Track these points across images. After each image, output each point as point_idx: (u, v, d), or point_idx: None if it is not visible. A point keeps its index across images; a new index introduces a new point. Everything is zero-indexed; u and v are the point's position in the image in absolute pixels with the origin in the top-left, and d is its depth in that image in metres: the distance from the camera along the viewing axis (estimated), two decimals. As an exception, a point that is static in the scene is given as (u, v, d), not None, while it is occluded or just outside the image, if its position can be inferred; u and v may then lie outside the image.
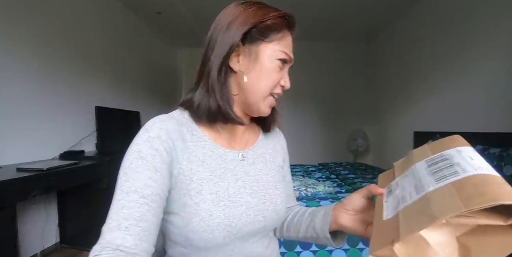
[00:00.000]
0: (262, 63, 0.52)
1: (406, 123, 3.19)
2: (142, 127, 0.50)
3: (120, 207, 0.42)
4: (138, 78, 3.47)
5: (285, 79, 0.56)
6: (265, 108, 0.56)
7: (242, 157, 0.59)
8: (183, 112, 0.57)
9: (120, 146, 2.53)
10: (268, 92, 0.54)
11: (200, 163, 0.52)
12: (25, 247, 1.72)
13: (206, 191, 0.50)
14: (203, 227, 0.47)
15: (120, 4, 3.00)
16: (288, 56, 0.55)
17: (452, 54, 2.41)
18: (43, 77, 2.00)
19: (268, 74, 0.53)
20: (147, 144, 0.47)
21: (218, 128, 0.58)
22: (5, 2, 1.71)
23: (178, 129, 0.52)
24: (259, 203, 0.55)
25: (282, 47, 0.53)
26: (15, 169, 1.53)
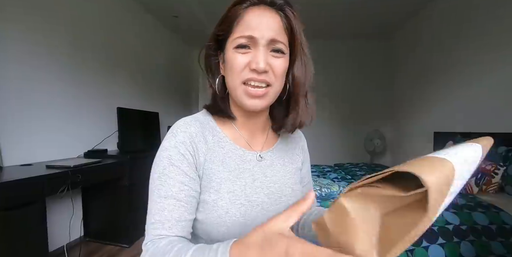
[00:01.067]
0: (227, 59, 0.53)
1: (426, 123, 3.11)
2: (169, 130, 0.55)
3: (161, 209, 0.48)
4: (157, 80, 3.58)
5: (254, 60, 0.49)
6: (242, 98, 0.52)
7: (260, 157, 0.60)
8: (206, 114, 0.60)
9: (140, 145, 2.63)
10: (236, 82, 0.51)
11: (220, 163, 0.55)
12: (53, 240, 1.82)
13: (224, 190, 0.52)
14: (219, 223, 0.51)
15: (141, 8, 3.11)
16: (247, 37, 0.49)
17: (474, 53, 2.33)
18: (69, 81, 2.12)
19: (231, 65, 0.51)
20: (175, 150, 0.51)
21: (238, 129, 0.60)
22: (36, 9, 1.84)
23: (201, 131, 0.55)
24: (275, 204, 0.57)
25: (240, 33, 0.50)
26: (45, 166, 1.62)
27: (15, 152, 1.69)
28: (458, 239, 1.29)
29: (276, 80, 0.52)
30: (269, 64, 0.50)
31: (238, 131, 0.60)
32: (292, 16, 0.52)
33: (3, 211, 1.21)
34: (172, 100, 4.01)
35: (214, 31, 0.56)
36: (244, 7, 0.51)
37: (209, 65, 0.59)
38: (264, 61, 0.49)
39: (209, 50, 0.58)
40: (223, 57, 0.55)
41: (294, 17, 0.52)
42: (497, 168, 1.75)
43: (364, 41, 4.20)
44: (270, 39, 0.50)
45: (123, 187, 2.09)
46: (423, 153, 0.47)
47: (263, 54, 0.49)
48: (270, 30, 0.50)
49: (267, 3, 0.51)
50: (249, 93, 0.51)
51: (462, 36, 2.48)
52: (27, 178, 1.32)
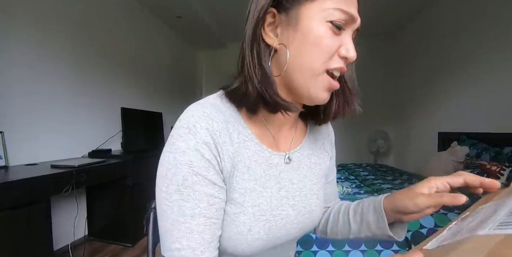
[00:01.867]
0: (306, 29, 0.39)
1: (430, 123, 3.08)
2: (183, 124, 0.40)
3: (188, 232, 0.38)
4: (161, 80, 3.59)
5: (345, 46, 0.40)
6: (318, 91, 0.41)
7: (288, 159, 0.50)
8: (224, 99, 0.46)
9: (144, 145, 2.64)
10: (319, 67, 0.40)
11: (246, 169, 0.44)
12: (57, 239, 1.83)
13: (248, 203, 0.44)
14: (240, 240, 0.43)
15: (145, 9, 3.13)
16: (347, 14, 0.39)
17: (479, 53, 2.31)
18: (74, 81, 2.14)
19: (314, 43, 0.39)
20: (197, 154, 0.39)
21: (265, 122, 0.48)
22: (43, 11, 1.86)
23: (225, 127, 0.42)
24: (299, 216, 0.50)
25: (336, 4, 0.38)
26: (50, 166, 1.63)
27: (20, 152, 1.71)
28: (463, 241, 1.28)
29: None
30: None
31: (267, 126, 0.48)
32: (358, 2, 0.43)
33: (9, 210, 1.22)
34: (176, 100, 4.02)
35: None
36: None
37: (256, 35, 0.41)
38: (355, 50, 0.40)
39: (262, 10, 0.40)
40: (290, 21, 0.40)
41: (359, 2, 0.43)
42: (502, 168, 1.73)
43: (368, 41, 4.17)
44: (358, 26, 0.42)
45: (127, 186, 2.10)
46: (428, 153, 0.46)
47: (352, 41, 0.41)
48: (358, 16, 0.41)
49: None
50: (331, 85, 0.42)
51: (466, 35, 2.46)
52: (32, 177, 1.34)
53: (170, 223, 0.39)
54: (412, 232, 1.30)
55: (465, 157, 2.04)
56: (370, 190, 1.97)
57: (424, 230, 1.30)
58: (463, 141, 2.32)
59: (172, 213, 0.39)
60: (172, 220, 0.39)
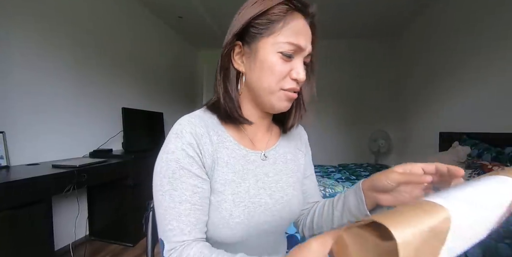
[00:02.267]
0: (262, 59, 0.50)
1: (431, 123, 3.08)
2: (173, 131, 0.51)
3: (177, 215, 0.47)
4: (162, 80, 3.60)
5: (296, 70, 0.51)
6: (278, 102, 0.53)
7: (264, 156, 0.60)
8: (209, 112, 0.58)
9: (144, 145, 2.65)
10: (274, 87, 0.51)
11: (225, 164, 0.54)
12: (58, 239, 1.84)
13: (228, 192, 0.52)
14: (223, 224, 0.50)
15: (146, 9, 3.13)
16: (295, 45, 0.50)
17: (479, 52, 2.30)
18: (75, 82, 2.14)
19: (269, 69, 0.50)
20: (183, 152, 0.49)
21: (242, 128, 0.59)
22: (42, 12, 1.86)
23: (206, 131, 0.53)
24: (277, 204, 0.57)
25: (285, 38, 0.49)
26: (51, 166, 1.64)
27: (21, 152, 1.71)
28: (464, 241, 1.28)
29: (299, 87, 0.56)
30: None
31: (244, 130, 0.59)
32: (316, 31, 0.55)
33: (10, 210, 1.23)
34: (177, 100, 4.02)
35: (247, 22, 0.51)
36: (289, 9, 0.50)
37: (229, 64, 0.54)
38: (304, 74, 0.52)
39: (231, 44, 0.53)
40: (251, 52, 0.52)
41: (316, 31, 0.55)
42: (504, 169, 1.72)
43: (370, 41, 4.17)
44: (309, 52, 0.53)
45: (128, 186, 2.10)
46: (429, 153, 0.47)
47: (303, 67, 0.52)
48: (309, 42, 0.53)
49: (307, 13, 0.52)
50: (288, 97, 0.53)
51: (468, 35, 2.45)
52: (33, 177, 1.34)
53: (163, 209, 0.48)
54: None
55: (466, 157, 2.03)
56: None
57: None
58: (464, 141, 2.31)
59: (164, 201, 0.48)
60: (165, 206, 0.47)
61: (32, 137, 1.79)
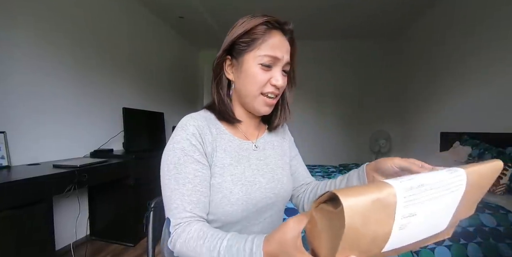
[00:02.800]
0: (246, 70, 0.62)
1: (432, 123, 3.07)
2: (178, 125, 0.62)
3: (181, 195, 0.55)
4: (163, 80, 3.60)
5: (275, 78, 0.62)
6: (259, 107, 0.64)
7: (255, 147, 0.71)
8: (206, 111, 0.69)
9: (145, 145, 2.65)
10: (255, 92, 0.62)
11: (223, 151, 0.63)
12: (59, 238, 1.84)
13: (227, 173, 0.61)
14: (225, 202, 0.58)
15: (146, 9, 3.13)
16: (273, 57, 0.60)
17: (480, 52, 2.30)
18: (76, 82, 2.15)
19: (251, 78, 0.61)
20: (187, 142, 0.58)
21: (236, 125, 0.70)
22: (43, 12, 1.87)
23: (206, 124, 0.63)
24: (269, 182, 0.67)
25: (264, 51, 0.60)
26: (52, 166, 1.64)
27: (22, 152, 1.72)
28: (465, 241, 1.27)
29: (281, 92, 0.67)
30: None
31: (238, 126, 0.70)
32: (294, 44, 0.66)
33: (11, 210, 1.23)
34: (177, 100, 4.03)
35: (233, 40, 0.62)
36: (267, 29, 0.61)
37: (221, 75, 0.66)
38: (283, 80, 0.63)
39: (221, 57, 0.65)
40: (238, 64, 0.63)
41: (295, 44, 0.66)
42: (505, 169, 1.72)
43: (371, 41, 4.17)
44: (287, 61, 0.63)
45: (129, 186, 2.11)
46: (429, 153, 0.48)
47: (281, 73, 0.63)
48: (286, 53, 0.63)
49: (284, 30, 0.63)
50: (267, 103, 0.64)
51: (469, 35, 2.45)
52: (34, 177, 1.34)
53: (169, 191, 0.56)
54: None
55: (467, 157, 2.03)
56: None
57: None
58: (465, 141, 2.31)
59: (170, 184, 0.56)
60: (171, 189, 0.56)
61: (33, 137, 1.79)
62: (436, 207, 0.31)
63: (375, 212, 0.27)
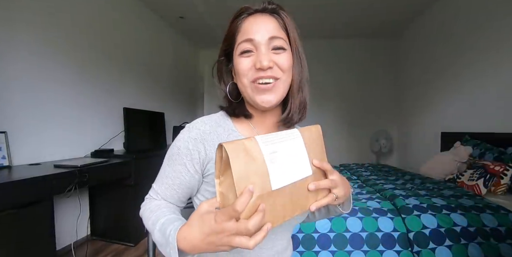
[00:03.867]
0: (235, 66, 0.58)
1: (433, 123, 3.07)
2: (188, 125, 0.61)
3: (160, 183, 0.60)
4: (163, 80, 3.60)
5: (257, 59, 0.54)
6: (254, 96, 0.56)
7: None
8: (224, 114, 0.65)
9: (146, 145, 2.65)
10: (246, 83, 0.56)
11: None
12: (60, 238, 1.85)
13: None
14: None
15: (146, 9, 3.14)
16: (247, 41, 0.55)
17: (482, 53, 2.30)
18: (76, 82, 2.15)
19: (238, 70, 0.57)
20: (185, 143, 0.57)
21: (252, 126, 0.64)
22: (44, 13, 1.87)
23: (215, 130, 0.59)
24: None
25: (239, 39, 0.56)
26: (53, 165, 1.65)
27: (23, 152, 1.72)
28: (466, 241, 1.27)
29: (284, 74, 0.56)
30: (273, 61, 0.54)
31: (254, 128, 0.63)
32: (285, 17, 0.58)
33: (12, 210, 1.23)
34: (178, 101, 4.03)
35: (221, 47, 0.62)
36: (241, 19, 0.57)
37: (222, 77, 0.64)
38: (266, 59, 0.53)
39: (221, 64, 0.63)
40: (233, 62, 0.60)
41: (287, 18, 0.58)
42: (506, 169, 1.72)
43: (370, 41, 4.17)
44: (269, 37, 0.54)
45: (129, 186, 2.11)
46: (431, 153, 0.48)
47: (265, 53, 0.54)
48: (267, 30, 0.55)
49: (260, 10, 0.58)
50: (259, 88, 0.55)
51: (469, 35, 2.45)
52: (35, 177, 1.34)
53: (159, 174, 0.61)
54: (415, 233, 1.30)
55: (468, 157, 2.03)
56: (372, 190, 1.96)
57: (427, 231, 1.30)
58: (466, 141, 2.30)
59: (162, 169, 0.61)
60: (160, 172, 0.61)
61: (34, 137, 1.80)
62: (289, 148, 0.45)
63: (248, 151, 0.39)
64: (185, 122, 3.17)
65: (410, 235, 1.30)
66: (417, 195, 1.61)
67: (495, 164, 1.77)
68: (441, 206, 1.42)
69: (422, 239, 1.28)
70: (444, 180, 2.10)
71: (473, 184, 1.77)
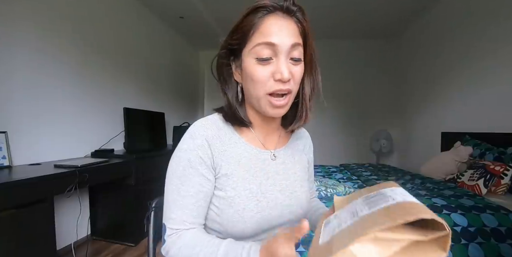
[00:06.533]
0: (245, 69, 0.53)
1: (433, 123, 3.07)
2: (188, 132, 0.57)
3: (181, 208, 0.53)
4: (163, 80, 3.60)
5: (278, 70, 0.50)
6: (266, 108, 0.54)
7: (274, 156, 0.63)
8: (219, 115, 0.62)
9: (146, 145, 2.65)
10: (259, 93, 0.52)
11: (237, 163, 0.58)
12: (60, 238, 1.84)
13: (241, 188, 0.56)
14: (237, 218, 0.54)
15: (146, 9, 3.14)
16: (268, 44, 0.49)
17: (482, 53, 2.29)
18: (77, 82, 2.15)
19: (250, 78, 0.52)
20: (194, 153, 0.54)
21: (252, 130, 0.63)
22: (44, 12, 1.87)
23: (217, 134, 0.58)
24: (287, 199, 0.61)
25: (257, 40, 0.50)
26: (53, 166, 1.64)
27: (24, 152, 1.72)
28: (466, 241, 1.27)
29: (296, 86, 0.54)
30: (290, 72, 0.51)
31: (254, 132, 0.63)
32: (305, 22, 0.53)
33: (12, 210, 1.23)
34: (178, 101, 4.03)
35: (227, 40, 0.56)
36: (259, 17, 0.50)
37: (222, 74, 0.60)
38: (287, 70, 0.50)
39: (221, 59, 0.58)
40: (240, 65, 0.55)
41: (307, 22, 0.53)
42: (506, 169, 1.72)
43: (371, 41, 4.17)
44: (291, 44, 0.50)
45: (130, 186, 2.11)
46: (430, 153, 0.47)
47: (286, 63, 0.50)
48: (290, 36, 0.50)
49: (283, 10, 0.51)
50: (274, 104, 0.53)
51: (470, 35, 2.44)
52: (35, 177, 1.34)
53: (171, 200, 0.54)
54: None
55: (468, 157, 2.03)
56: (372, 190, 1.96)
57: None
58: (466, 141, 2.30)
59: (173, 193, 0.54)
60: (172, 198, 0.54)
61: (34, 137, 1.80)
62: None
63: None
64: (185, 122, 3.17)
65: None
66: (418, 195, 1.61)
67: (495, 164, 1.77)
68: (441, 206, 1.42)
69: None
70: (444, 180, 2.10)
71: (473, 184, 1.77)
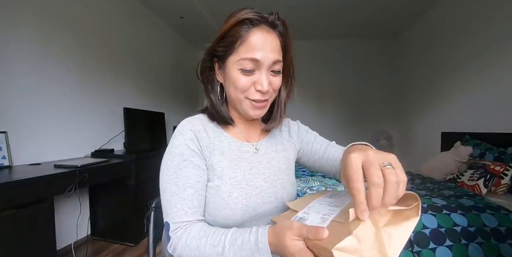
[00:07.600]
0: (228, 74, 0.58)
1: (433, 123, 3.07)
2: (176, 130, 0.61)
3: (181, 200, 0.55)
4: (163, 80, 3.60)
5: (259, 82, 0.56)
6: (248, 111, 0.60)
7: (256, 149, 0.67)
8: (204, 114, 0.68)
9: (146, 145, 2.65)
10: (239, 97, 0.58)
11: (221, 154, 0.62)
12: (60, 238, 1.84)
13: (226, 176, 0.60)
14: (223, 205, 0.57)
15: (147, 9, 3.14)
16: (252, 60, 0.54)
17: (481, 52, 2.29)
18: (77, 81, 2.15)
19: (234, 83, 0.57)
20: (185, 146, 0.58)
21: (235, 126, 0.68)
22: (45, 13, 1.87)
23: (203, 128, 0.62)
24: (271, 187, 0.64)
25: (243, 54, 0.54)
26: (53, 165, 1.64)
27: (24, 152, 1.72)
28: (466, 241, 1.27)
29: (274, 93, 0.61)
30: (270, 83, 0.57)
31: (236, 128, 0.68)
32: (287, 35, 0.59)
33: (13, 210, 1.23)
34: (178, 100, 4.03)
35: (213, 46, 0.60)
36: (245, 30, 0.54)
37: (206, 78, 0.65)
38: (267, 83, 0.56)
39: (205, 63, 0.63)
40: (223, 68, 0.60)
41: (289, 36, 0.59)
42: (506, 169, 1.72)
43: (372, 41, 4.16)
44: (273, 61, 0.55)
45: (130, 186, 2.11)
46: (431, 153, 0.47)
47: (266, 77, 0.56)
48: (272, 51, 0.55)
49: (268, 23, 0.56)
50: (255, 106, 0.59)
51: (470, 35, 2.45)
52: (35, 177, 1.34)
53: (169, 195, 0.56)
54: (415, 233, 1.29)
55: (468, 157, 2.03)
56: (372, 190, 1.96)
57: (427, 231, 1.29)
58: (466, 141, 2.30)
59: (170, 188, 0.56)
60: (170, 192, 0.55)
61: (34, 137, 1.80)
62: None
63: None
64: (185, 122, 3.16)
65: (411, 235, 1.30)
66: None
67: (495, 164, 1.77)
68: (441, 206, 1.42)
69: (423, 239, 1.28)
70: (444, 180, 2.10)
71: (473, 184, 1.77)
